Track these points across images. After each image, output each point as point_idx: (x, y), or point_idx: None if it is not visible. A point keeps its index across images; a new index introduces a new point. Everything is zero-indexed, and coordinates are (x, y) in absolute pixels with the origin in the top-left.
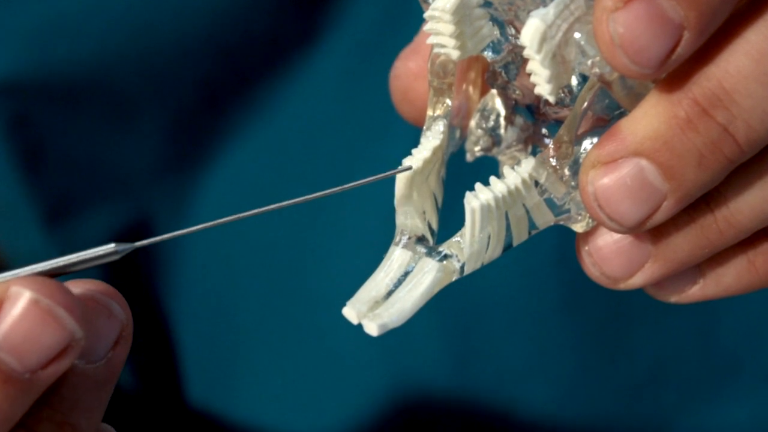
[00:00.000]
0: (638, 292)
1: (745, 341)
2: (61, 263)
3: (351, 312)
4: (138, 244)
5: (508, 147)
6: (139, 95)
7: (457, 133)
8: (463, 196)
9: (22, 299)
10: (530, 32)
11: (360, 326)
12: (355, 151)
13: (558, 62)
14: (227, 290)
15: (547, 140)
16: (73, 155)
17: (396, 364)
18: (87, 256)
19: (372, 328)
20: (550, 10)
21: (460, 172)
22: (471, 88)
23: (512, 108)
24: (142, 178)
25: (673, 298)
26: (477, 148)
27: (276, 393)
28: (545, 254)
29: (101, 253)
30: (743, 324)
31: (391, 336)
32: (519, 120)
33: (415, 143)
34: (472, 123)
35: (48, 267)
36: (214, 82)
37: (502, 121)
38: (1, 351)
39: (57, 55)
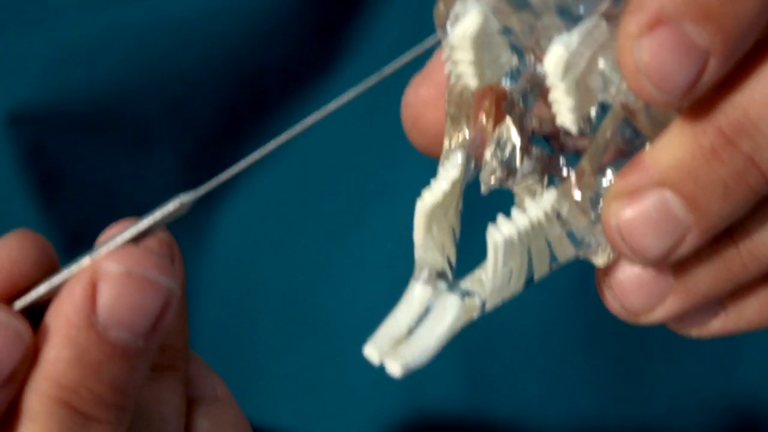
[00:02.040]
0: (657, 326)
1: (766, 378)
2: (136, 231)
3: (373, 351)
4: (202, 191)
5: (524, 178)
6: (156, 123)
7: (472, 164)
8: (476, 228)
9: (115, 275)
10: (554, 60)
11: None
12: (373, 178)
13: (581, 91)
14: (243, 309)
15: (564, 171)
16: (90, 183)
17: (411, 392)
18: (159, 216)
19: (395, 368)
20: (573, 38)
21: (473, 203)
22: (485, 118)
23: (528, 138)
24: (159, 205)
25: (695, 332)
26: (492, 180)
27: (289, 414)
28: (563, 286)
29: (172, 208)
30: (765, 361)
31: None
32: (535, 150)
33: (431, 172)
34: (487, 154)
35: (127, 236)
36: (231, 110)
37: (517, 152)
38: (113, 330)
39: (74, 83)
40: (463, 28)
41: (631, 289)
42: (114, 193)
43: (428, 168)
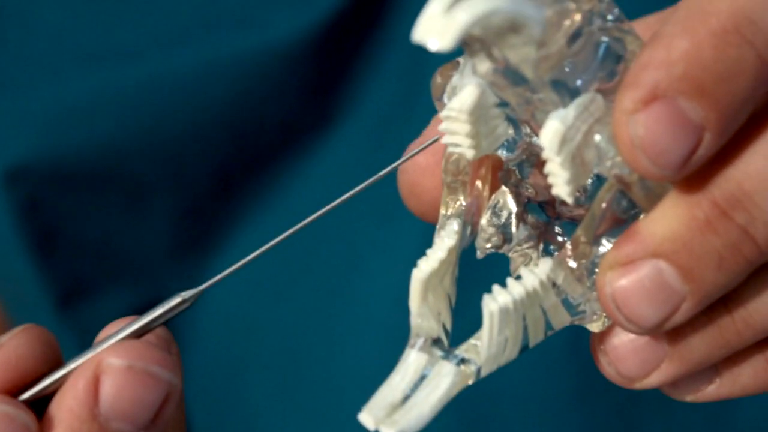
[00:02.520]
0: None
1: (760, 430)
2: (139, 325)
3: (368, 418)
4: (203, 287)
5: (519, 244)
6: (152, 179)
7: (468, 230)
8: (472, 293)
9: (117, 369)
10: (550, 134)
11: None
12: (366, 236)
13: (577, 164)
14: (237, 368)
15: (560, 238)
16: (86, 239)
17: None
18: (161, 311)
19: None
20: (569, 112)
21: (469, 268)
22: (481, 185)
23: (524, 205)
24: (155, 262)
25: (689, 397)
26: (488, 246)
27: None
28: (557, 341)
29: (174, 304)
30: (758, 415)
31: None
32: (531, 218)
33: (426, 230)
34: (483, 220)
35: (129, 331)
36: (227, 167)
37: (513, 219)
38: (115, 422)
39: (71, 140)
40: (460, 102)
41: (626, 355)
42: (110, 249)
43: (424, 228)
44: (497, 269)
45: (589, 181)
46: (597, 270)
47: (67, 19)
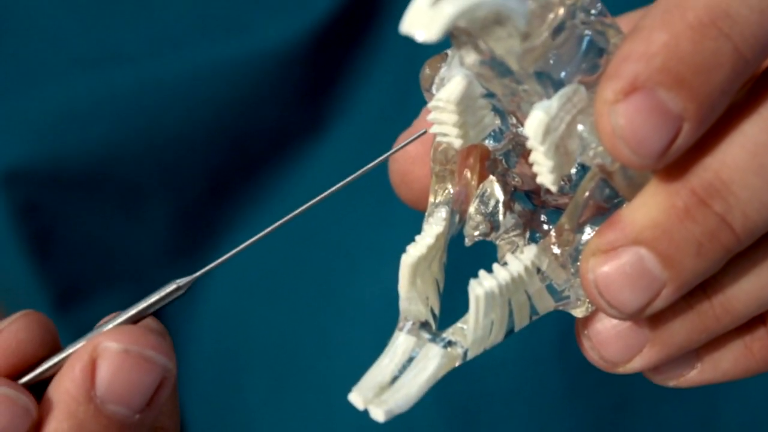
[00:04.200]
0: (640, 381)
1: (745, 428)
2: (135, 311)
3: (357, 398)
4: (197, 274)
5: (506, 232)
6: (147, 183)
7: (456, 218)
8: (461, 280)
9: (114, 352)
10: (534, 124)
11: (364, 410)
12: (360, 237)
13: (561, 153)
14: (233, 364)
15: (546, 226)
16: (83, 242)
17: None
18: (157, 298)
19: (378, 414)
20: (553, 103)
21: (458, 256)
22: (470, 174)
23: (511, 194)
24: (150, 264)
25: (672, 383)
26: (476, 233)
27: None
28: (548, 339)
29: (169, 291)
30: (744, 413)
31: (394, 421)
32: (517, 206)
33: (420, 227)
34: (471, 208)
35: (125, 317)
36: (222, 170)
37: (500, 207)
38: (110, 404)
39: (67, 143)
40: (447, 92)
41: (609, 340)
42: (106, 251)
43: (417, 226)
44: (486, 256)
45: (574, 170)
46: (580, 257)
47: (63, 22)
